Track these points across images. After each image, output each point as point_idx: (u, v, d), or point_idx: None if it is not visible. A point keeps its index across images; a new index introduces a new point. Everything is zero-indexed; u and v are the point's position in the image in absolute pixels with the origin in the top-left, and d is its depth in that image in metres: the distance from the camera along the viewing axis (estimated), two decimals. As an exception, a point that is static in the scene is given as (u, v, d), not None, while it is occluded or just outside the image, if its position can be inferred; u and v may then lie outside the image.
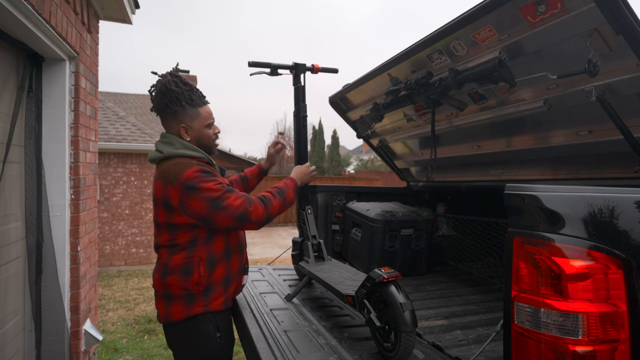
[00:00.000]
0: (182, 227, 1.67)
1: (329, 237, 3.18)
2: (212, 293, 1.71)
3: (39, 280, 2.28)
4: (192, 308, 1.68)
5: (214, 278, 1.72)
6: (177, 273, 1.67)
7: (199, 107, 1.78)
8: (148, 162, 1.79)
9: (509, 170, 2.51)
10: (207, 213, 1.61)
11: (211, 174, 1.66)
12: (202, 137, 1.80)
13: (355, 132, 3.23)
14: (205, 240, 1.70)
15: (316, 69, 2.31)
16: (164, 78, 1.75)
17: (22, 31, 2.00)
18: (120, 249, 8.28)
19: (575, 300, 0.99)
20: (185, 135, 1.77)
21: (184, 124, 1.76)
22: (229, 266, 1.77)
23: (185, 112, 1.75)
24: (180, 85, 1.73)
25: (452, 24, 1.80)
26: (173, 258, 1.69)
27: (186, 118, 1.75)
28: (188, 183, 1.60)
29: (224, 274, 1.75)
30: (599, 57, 1.44)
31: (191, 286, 1.67)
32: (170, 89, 1.71)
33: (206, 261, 1.69)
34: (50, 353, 2.28)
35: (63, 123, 2.47)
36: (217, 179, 1.67)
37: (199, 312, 1.68)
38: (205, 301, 1.69)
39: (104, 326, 4.58)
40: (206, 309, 1.69)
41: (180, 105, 1.72)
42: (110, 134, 8.08)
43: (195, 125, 1.77)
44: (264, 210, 1.70)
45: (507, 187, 1.11)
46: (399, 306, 1.39)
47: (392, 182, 18.22)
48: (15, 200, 2.21)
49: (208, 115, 1.81)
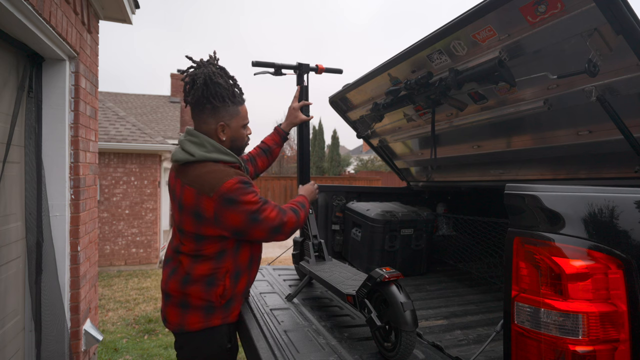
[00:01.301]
0: (211, 239, 1.57)
1: (329, 237, 3.18)
2: (232, 305, 1.67)
3: (39, 280, 2.28)
4: (211, 320, 1.61)
5: (237, 290, 1.66)
6: (201, 284, 1.58)
7: (239, 105, 1.66)
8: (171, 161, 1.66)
9: (509, 170, 2.51)
10: (245, 226, 1.53)
11: (250, 185, 1.56)
12: (237, 138, 1.68)
13: (355, 132, 3.23)
14: (234, 252, 1.61)
15: (320, 70, 2.31)
16: (207, 68, 1.57)
17: (22, 31, 2.00)
18: (120, 249, 8.28)
19: (575, 300, 0.99)
20: (221, 135, 1.63)
21: (223, 121, 1.61)
22: (251, 277, 1.74)
23: (226, 109, 1.61)
24: (225, 78, 1.60)
25: (452, 24, 1.79)
26: (197, 267, 1.58)
27: (226, 116, 1.61)
28: (228, 195, 1.49)
29: (246, 285, 1.72)
30: (599, 57, 1.44)
31: (213, 298, 1.59)
32: (217, 82, 1.56)
33: (232, 273, 1.62)
34: (50, 353, 2.28)
35: (63, 123, 2.47)
36: (255, 190, 1.58)
37: (217, 324, 1.62)
38: (225, 314, 1.64)
39: (104, 326, 4.58)
40: (225, 321, 1.64)
41: (223, 101, 1.59)
42: (110, 134, 8.08)
43: (233, 125, 1.64)
44: (296, 221, 1.68)
45: (507, 187, 1.11)
46: (400, 306, 1.39)
47: (392, 182, 18.23)
48: (15, 200, 2.21)
49: (246, 114, 1.70)
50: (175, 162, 1.62)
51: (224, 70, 1.63)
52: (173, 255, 1.66)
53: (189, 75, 1.61)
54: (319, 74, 2.33)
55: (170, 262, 1.67)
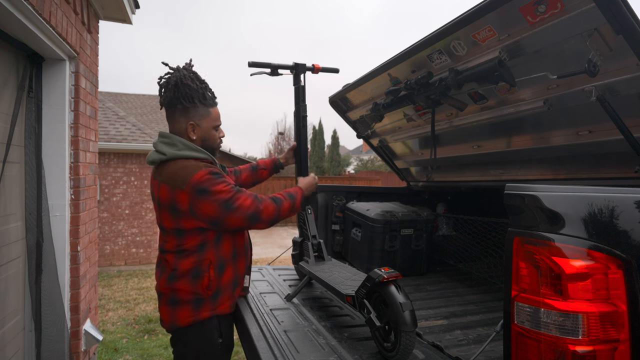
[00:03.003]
0: (191, 232, 1.63)
1: (329, 237, 3.18)
2: (221, 296, 1.70)
3: (39, 280, 2.28)
4: (200, 312, 1.66)
5: (223, 281, 1.70)
6: (187, 278, 1.64)
7: (210, 107, 1.75)
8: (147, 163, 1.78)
9: (509, 170, 2.51)
10: (219, 215, 1.59)
11: (220, 175, 1.64)
12: (208, 138, 1.77)
13: (355, 132, 3.23)
14: (215, 243, 1.68)
15: (317, 69, 2.31)
16: (179, 72, 1.70)
17: (22, 31, 2.00)
18: (120, 249, 8.28)
19: (575, 300, 0.99)
20: (192, 134, 1.72)
21: (193, 121, 1.71)
22: (237, 268, 1.77)
23: (196, 109, 1.71)
24: (195, 81, 1.70)
25: (452, 24, 1.79)
26: (182, 263, 1.64)
27: (196, 116, 1.71)
28: (199, 186, 1.57)
29: (232, 276, 1.75)
30: (599, 57, 1.44)
31: (201, 290, 1.64)
32: (186, 83, 1.66)
33: (216, 264, 1.67)
34: (50, 353, 2.28)
35: (63, 123, 2.47)
36: (227, 180, 1.65)
37: (206, 317, 1.66)
38: (213, 305, 1.68)
39: (104, 326, 4.58)
40: (214, 312, 1.68)
41: (193, 102, 1.69)
42: (110, 134, 8.08)
43: (203, 125, 1.73)
44: (274, 209, 1.71)
45: (507, 187, 1.11)
46: (399, 306, 1.39)
47: (392, 182, 18.22)
48: (15, 200, 2.21)
49: (217, 116, 1.79)
50: (151, 164, 1.72)
51: (196, 74, 1.73)
52: (160, 256, 1.74)
53: (164, 79, 1.73)
54: (316, 73, 2.33)
55: (159, 262, 1.75)
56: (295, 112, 2.29)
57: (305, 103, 2.28)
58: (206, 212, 1.58)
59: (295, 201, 1.83)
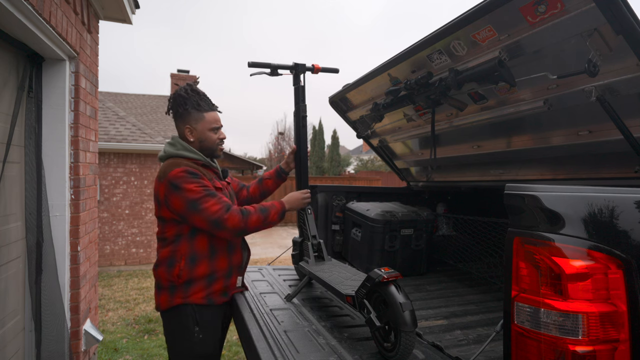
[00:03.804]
0: (169, 221, 1.84)
1: (329, 237, 3.18)
2: (193, 287, 1.82)
3: (39, 280, 2.28)
4: (174, 298, 1.81)
5: (195, 273, 1.82)
6: (164, 265, 1.83)
7: (205, 112, 1.93)
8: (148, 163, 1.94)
9: (509, 170, 2.51)
10: (184, 212, 1.76)
11: (196, 176, 1.79)
12: (205, 140, 1.94)
13: (355, 132, 3.23)
14: (189, 237, 1.83)
15: (316, 69, 2.31)
16: (180, 87, 1.95)
17: (22, 31, 2.00)
18: (120, 249, 8.28)
19: (575, 300, 0.98)
20: (189, 136, 1.93)
21: (189, 125, 1.92)
22: (214, 265, 1.87)
23: (190, 114, 1.91)
24: (189, 92, 1.91)
25: (452, 24, 1.79)
26: (162, 251, 1.86)
27: (191, 120, 1.92)
28: (173, 181, 1.76)
29: (207, 271, 1.85)
30: (599, 57, 1.44)
31: (173, 278, 1.81)
32: (180, 94, 1.91)
33: (187, 257, 1.82)
34: (50, 353, 2.28)
35: (63, 123, 2.47)
36: (202, 182, 1.79)
37: (179, 303, 1.81)
38: (185, 293, 1.81)
39: (104, 326, 4.58)
40: (185, 300, 1.81)
41: (186, 108, 1.90)
42: (110, 134, 8.08)
43: (199, 127, 1.92)
44: (239, 221, 1.78)
45: (507, 187, 1.11)
46: (399, 306, 1.39)
47: (392, 182, 18.22)
48: (15, 200, 2.21)
49: (213, 119, 1.95)
50: (159, 160, 2.00)
51: (192, 87, 1.95)
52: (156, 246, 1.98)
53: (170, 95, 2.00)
54: (315, 73, 2.33)
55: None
56: (295, 112, 2.29)
57: (305, 103, 2.28)
58: (174, 206, 1.77)
59: (268, 215, 1.89)
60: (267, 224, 1.89)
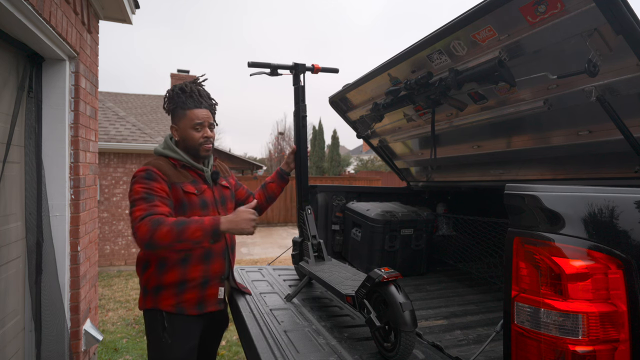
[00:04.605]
0: None
1: (329, 237, 3.18)
2: (162, 293, 1.79)
3: (39, 280, 2.28)
4: (147, 301, 1.82)
5: (164, 280, 1.79)
6: (139, 267, 1.87)
7: (188, 109, 1.87)
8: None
9: (509, 170, 2.51)
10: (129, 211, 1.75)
11: (150, 178, 1.74)
12: (186, 138, 1.89)
13: (355, 132, 3.22)
14: None
15: (316, 69, 2.31)
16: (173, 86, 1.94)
17: (22, 31, 2.00)
18: (120, 249, 8.28)
19: (575, 300, 0.99)
20: (175, 134, 1.92)
21: (173, 124, 1.92)
22: (186, 273, 1.79)
23: (175, 113, 1.90)
24: (176, 91, 1.89)
25: (452, 24, 1.79)
26: (139, 252, 1.90)
27: (175, 118, 1.91)
28: (132, 179, 1.77)
29: (177, 279, 1.78)
30: (599, 57, 1.44)
31: (144, 282, 1.83)
32: (167, 93, 1.92)
33: (157, 262, 1.79)
34: (50, 353, 2.28)
35: (63, 123, 2.47)
36: (151, 184, 1.71)
37: (150, 307, 1.80)
38: (154, 298, 1.79)
39: (104, 326, 4.58)
40: (155, 305, 1.79)
41: (170, 108, 1.91)
42: (110, 134, 8.09)
43: (181, 125, 1.89)
44: (146, 233, 1.58)
45: (507, 187, 1.11)
46: (399, 306, 1.39)
47: (392, 182, 18.22)
48: (15, 200, 2.21)
49: (194, 116, 1.87)
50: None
51: (182, 85, 1.91)
52: None
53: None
54: (315, 73, 2.33)
55: None
56: (295, 112, 2.29)
57: (305, 103, 2.28)
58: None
59: (185, 230, 1.60)
60: (183, 240, 1.59)
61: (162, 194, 1.73)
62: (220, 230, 1.66)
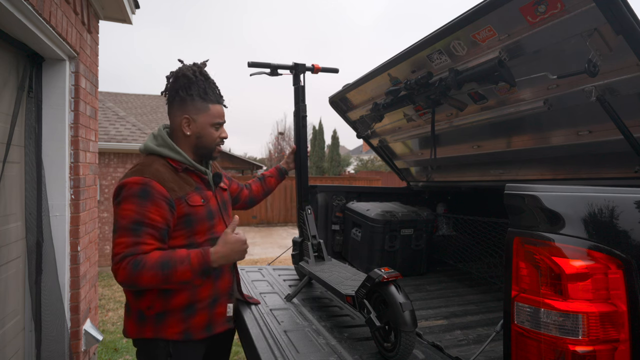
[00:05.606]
0: None
1: (329, 237, 3.18)
2: (166, 320, 1.49)
3: (39, 280, 2.28)
4: (143, 331, 1.50)
5: (171, 304, 1.49)
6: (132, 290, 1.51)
7: (211, 103, 1.60)
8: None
9: (509, 170, 2.51)
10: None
11: (146, 199, 1.40)
12: (204, 135, 1.60)
13: (355, 132, 3.22)
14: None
15: (316, 69, 2.31)
16: (185, 66, 1.60)
17: (22, 31, 2.00)
18: (120, 249, 8.26)
19: (575, 300, 0.99)
20: (186, 129, 1.58)
21: (188, 115, 1.57)
22: (195, 293, 1.53)
23: (193, 102, 1.57)
24: (197, 74, 1.57)
25: (452, 24, 1.79)
26: None
27: (192, 109, 1.57)
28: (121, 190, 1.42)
29: (186, 301, 1.51)
30: (599, 57, 1.44)
31: (142, 308, 1.49)
32: (186, 74, 1.56)
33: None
34: (50, 353, 2.28)
35: (63, 123, 2.47)
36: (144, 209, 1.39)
37: (149, 337, 1.50)
38: (156, 327, 1.49)
39: (104, 326, 4.58)
40: (157, 335, 1.49)
41: (189, 93, 1.56)
42: (110, 134, 8.09)
43: (199, 120, 1.58)
44: (126, 278, 1.37)
45: (507, 187, 1.11)
46: (399, 306, 1.39)
47: (392, 182, 18.21)
48: (15, 200, 2.21)
49: (217, 114, 1.62)
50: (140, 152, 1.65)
51: (201, 69, 1.61)
52: None
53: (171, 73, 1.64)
54: (315, 73, 2.33)
55: None
56: (295, 112, 2.29)
57: (305, 103, 2.28)
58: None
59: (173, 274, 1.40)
60: (171, 283, 1.41)
61: (157, 224, 1.42)
62: (212, 267, 1.48)
